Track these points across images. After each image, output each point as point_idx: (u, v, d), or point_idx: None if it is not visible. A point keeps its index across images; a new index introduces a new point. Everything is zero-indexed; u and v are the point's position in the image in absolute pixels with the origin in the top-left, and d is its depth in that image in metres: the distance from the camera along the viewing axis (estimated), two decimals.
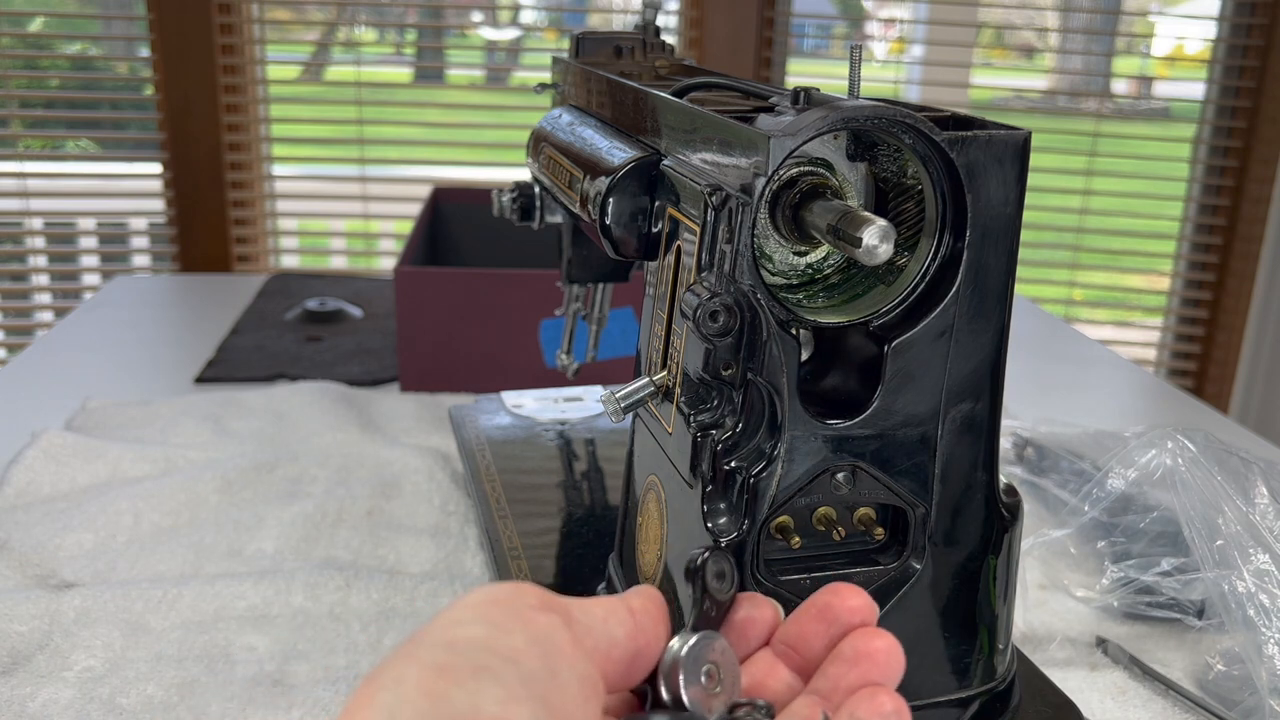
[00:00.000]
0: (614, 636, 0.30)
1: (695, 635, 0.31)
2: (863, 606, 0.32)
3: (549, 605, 0.29)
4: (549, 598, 0.29)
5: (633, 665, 0.31)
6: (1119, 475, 0.73)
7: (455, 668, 0.25)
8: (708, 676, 0.31)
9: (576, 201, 0.59)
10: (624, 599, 0.31)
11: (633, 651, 0.31)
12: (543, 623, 0.28)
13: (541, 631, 0.27)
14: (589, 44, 0.75)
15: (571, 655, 0.28)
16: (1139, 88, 2.72)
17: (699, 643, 0.31)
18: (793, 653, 0.33)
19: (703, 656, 0.31)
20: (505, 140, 1.97)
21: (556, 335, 1.03)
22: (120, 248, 2.22)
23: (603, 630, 0.30)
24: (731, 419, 0.46)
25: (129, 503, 0.79)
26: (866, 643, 0.32)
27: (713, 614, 0.33)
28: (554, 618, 0.28)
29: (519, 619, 0.27)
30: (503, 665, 0.26)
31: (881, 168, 0.48)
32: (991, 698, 0.52)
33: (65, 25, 2.33)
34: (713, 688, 0.31)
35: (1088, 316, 2.22)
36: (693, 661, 0.31)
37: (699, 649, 0.31)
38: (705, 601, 0.33)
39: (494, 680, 0.25)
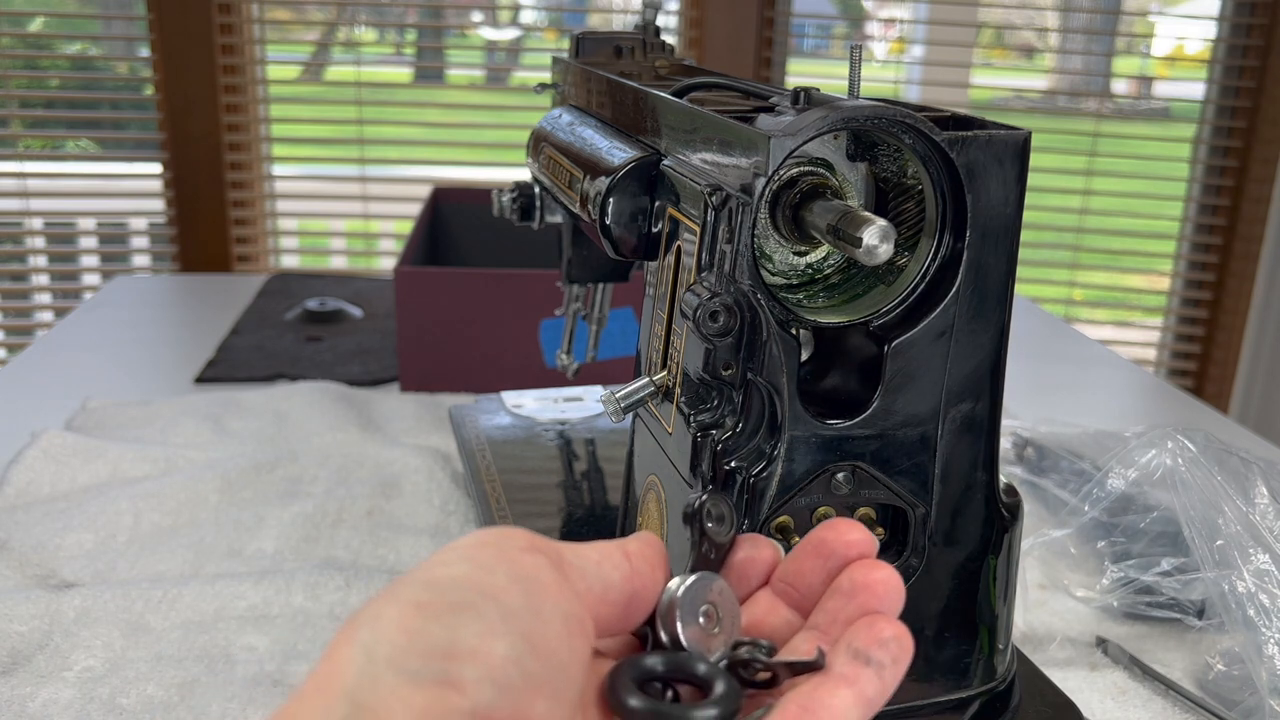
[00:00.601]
0: (609, 579, 0.30)
1: (692, 576, 0.31)
2: (861, 540, 0.32)
3: (537, 547, 0.28)
4: (539, 540, 0.29)
5: (630, 608, 0.31)
6: (1119, 475, 0.73)
7: (433, 604, 0.25)
8: (706, 617, 0.31)
9: (576, 201, 0.59)
10: (620, 543, 0.31)
11: (629, 594, 0.30)
12: (528, 562, 0.28)
13: (526, 570, 0.27)
14: (589, 44, 0.75)
15: (557, 594, 0.27)
16: (1139, 88, 2.72)
17: (696, 584, 0.31)
18: (792, 590, 0.33)
19: (700, 597, 0.31)
20: (505, 140, 1.97)
21: (556, 335, 1.03)
22: (120, 248, 2.22)
23: (596, 573, 0.30)
24: (731, 419, 0.46)
25: (129, 503, 0.79)
26: (865, 574, 0.31)
27: (711, 556, 0.33)
28: (541, 558, 0.28)
29: (504, 558, 0.27)
30: (482, 601, 0.26)
31: (881, 168, 0.48)
32: (991, 698, 0.52)
33: (65, 25, 2.33)
34: (711, 628, 0.31)
35: (1088, 316, 2.22)
36: (690, 602, 0.31)
37: (696, 590, 0.31)
38: (704, 544, 0.33)
39: (474, 615, 0.25)
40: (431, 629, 0.24)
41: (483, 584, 0.26)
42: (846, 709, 0.28)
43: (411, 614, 0.25)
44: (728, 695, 0.29)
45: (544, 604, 0.27)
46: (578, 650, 0.27)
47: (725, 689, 0.29)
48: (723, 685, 0.29)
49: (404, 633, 0.24)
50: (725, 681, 0.29)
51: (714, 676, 0.29)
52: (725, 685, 0.29)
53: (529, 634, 0.26)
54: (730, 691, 0.29)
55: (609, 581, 0.30)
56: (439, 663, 0.24)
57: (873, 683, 0.29)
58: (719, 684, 0.29)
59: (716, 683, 0.29)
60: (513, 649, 0.25)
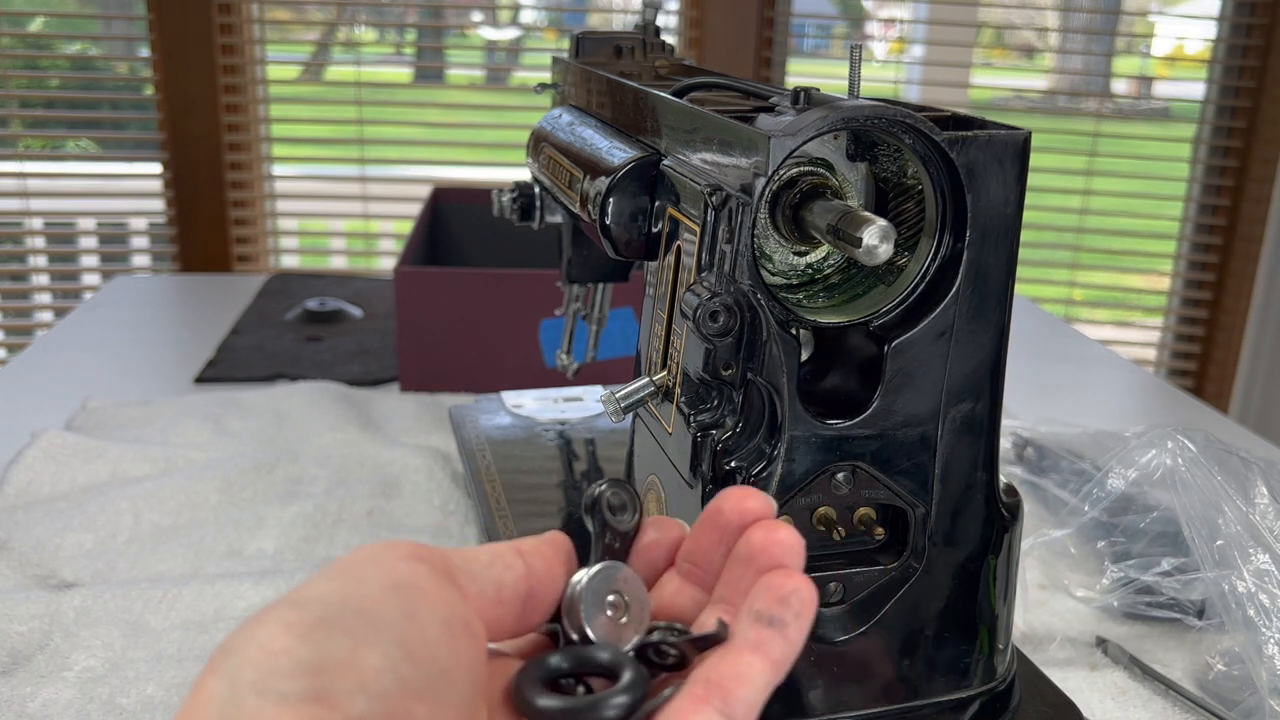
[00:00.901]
0: (500, 580, 0.30)
1: (595, 568, 0.31)
2: (757, 506, 0.31)
3: (418, 555, 0.28)
4: (422, 549, 0.29)
5: (528, 607, 0.30)
6: (1119, 475, 0.73)
7: (301, 622, 0.25)
8: (613, 607, 0.31)
9: (576, 201, 0.59)
10: (515, 543, 0.31)
11: (524, 593, 0.30)
12: (404, 570, 0.27)
13: (401, 579, 0.27)
14: (589, 44, 0.75)
15: (435, 599, 0.27)
16: (1139, 88, 2.72)
17: (599, 574, 0.31)
18: (695, 568, 0.32)
19: (605, 588, 0.31)
20: (505, 140, 1.97)
21: (556, 335, 1.03)
22: (120, 248, 2.22)
23: (487, 575, 0.30)
24: (731, 419, 0.46)
25: (129, 503, 0.79)
26: (762, 536, 0.30)
27: (616, 546, 0.32)
28: (419, 566, 0.28)
29: (378, 570, 0.27)
30: (352, 614, 0.25)
31: (881, 168, 0.48)
32: (991, 698, 0.52)
33: (65, 25, 2.33)
34: (619, 617, 0.31)
35: (1088, 316, 2.22)
36: (594, 594, 0.30)
37: (600, 581, 0.31)
38: (607, 535, 0.32)
39: (342, 629, 0.25)
40: (299, 648, 0.24)
41: (353, 597, 0.26)
42: (753, 675, 0.28)
43: (279, 635, 0.25)
44: (634, 682, 0.28)
45: (420, 610, 0.27)
46: (463, 653, 0.27)
47: (632, 676, 0.28)
48: (630, 672, 0.29)
49: (270, 655, 0.24)
50: (632, 668, 0.29)
51: (621, 664, 0.29)
52: (632, 672, 0.29)
53: (404, 641, 0.25)
54: (637, 678, 0.28)
55: (501, 582, 0.30)
56: (308, 680, 0.24)
57: (778, 643, 0.28)
58: (626, 672, 0.29)
59: (624, 671, 0.29)
60: (387, 658, 0.25)
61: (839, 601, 0.48)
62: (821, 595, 0.48)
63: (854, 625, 0.48)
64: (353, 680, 0.24)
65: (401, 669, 0.25)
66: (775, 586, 0.29)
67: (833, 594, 0.48)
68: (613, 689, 0.28)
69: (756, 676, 0.28)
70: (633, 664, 0.29)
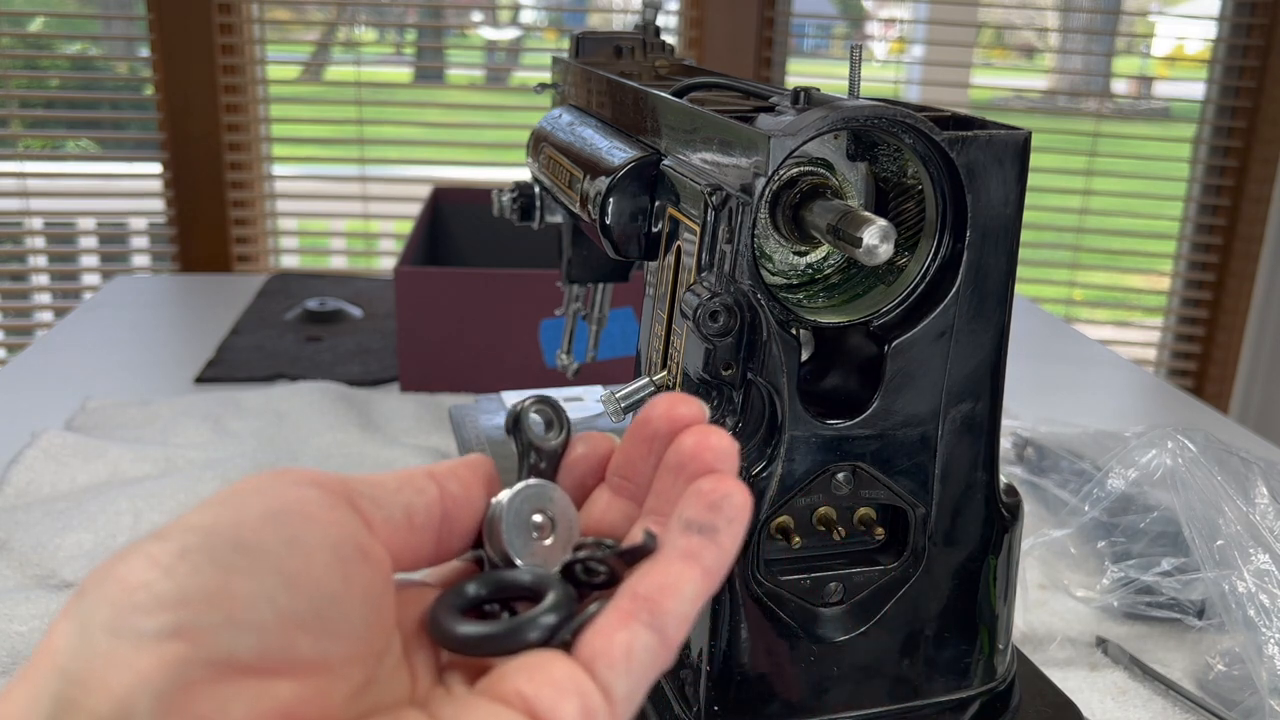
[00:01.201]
0: (411, 505, 0.28)
1: (517, 487, 0.29)
2: (687, 413, 0.29)
3: (313, 481, 0.27)
4: (319, 475, 0.27)
5: (444, 532, 0.29)
6: (1119, 475, 0.73)
7: (164, 554, 0.23)
8: (538, 528, 0.29)
9: (576, 201, 0.59)
10: (428, 467, 0.30)
11: (439, 518, 0.29)
12: (291, 496, 0.26)
13: (286, 505, 0.25)
14: (589, 44, 0.75)
15: (325, 522, 0.26)
16: (1139, 88, 2.72)
17: (520, 494, 0.29)
18: (625, 482, 0.31)
19: (528, 508, 0.29)
20: (505, 140, 1.97)
21: (556, 335, 1.03)
22: (120, 248, 2.22)
23: (395, 500, 0.28)
24: (731, 419, 0.46)
25: (129, 503, 0.79)
26: (694, 441, 0.28)
27: (542, 466, 0.31)
28: (312, 491, 0.26)
29: (260, 498, 0.25)
30: (222, 544, 0.24)
31: (882, 168, 0.48)
32: (991, 698, 0.52)
33: (65, 25, 2.33)
34: (544, 538, 0.29)
35: (1088, 316, 2.22)
36: (515, 515, 0.29)
37: (522, 501, 0.29)
38: (532, 454, 0.31)
39: (209, 558, 0.23)
40: (161, 582, 0.23)
41: (226, 525, 0.24)
42: (683, 586, 0.26)
43: (140, 569, 0.23)
44: (558, 602, 0.27)
45: (305, 536, 0.25)
46: (357, 581, 0.26)
47: (555, 596, 0.27)
48: (554, 593, 0.27)
49: (127, 590, 0.23)
50: (557, 588, 0.27)
51: (545, 585, 0.28)
52: (556, 592, 0.27)
53: (283, 569, 0.24)
54: (561, 597, 0.27)
55: (412, 507, 0.28)
56: (169, 615, 0.22)
57: (709, 551, 0.27)
58: (550, 592, 0.27)
59: (548, 591, 0.27)
60: (261, 587, 0.23)
61: (839, 601, 0.48)
62: (821, 595, 0.48)
63: (854, 625, 0.48)
64: (219, 613, 0.23)
65: (280, 599, 0.24)
66: (706, 492, 0.27)
67: (833, 594, 0.48)
68: (535, 610, 0.27)
69: (686, 586, 0.26)
70: (558, 583, 0.28)
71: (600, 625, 0.26)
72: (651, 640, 0.26)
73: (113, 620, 0.22)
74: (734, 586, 0.46)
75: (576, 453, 0.32)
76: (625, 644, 0.25)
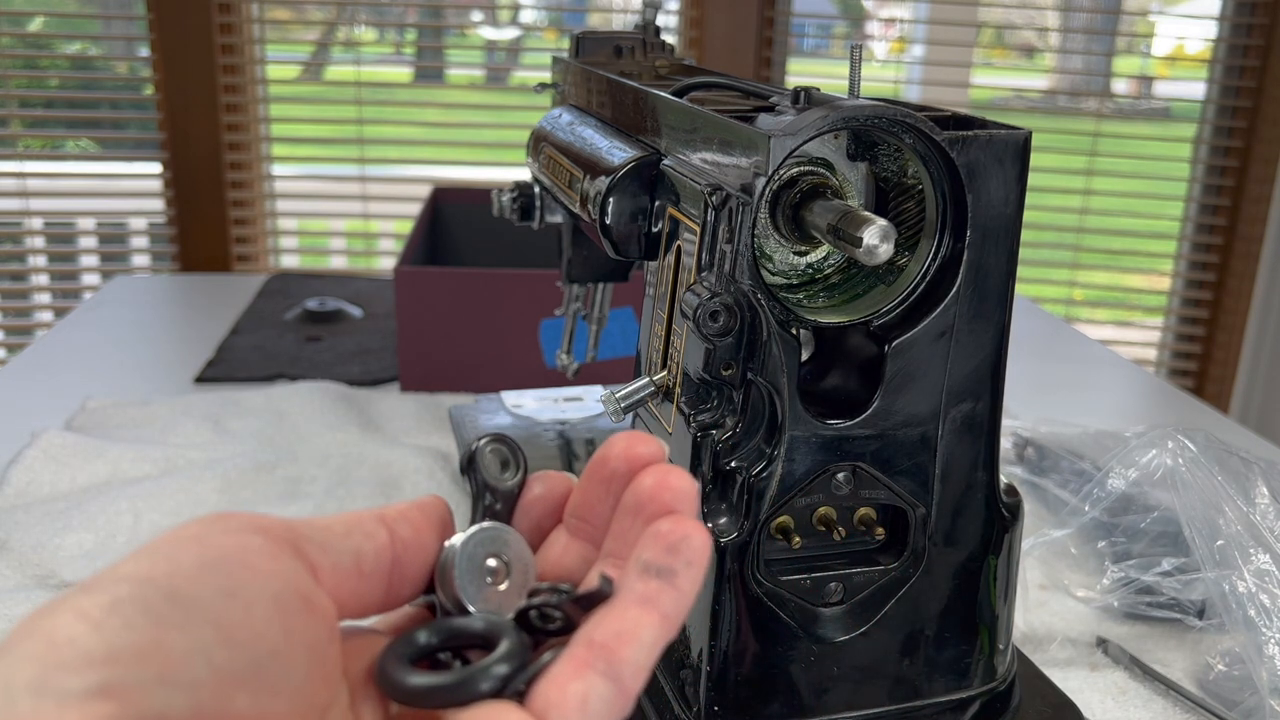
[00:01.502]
0: (360, 550, 0.27)
1: (470, 531, 0.29)
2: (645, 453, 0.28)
3: (256, 527, 0.26)
4: (262, 520, 0.26)
5: (395, 578, 0.28)
6: (1119, 475, 0.73)
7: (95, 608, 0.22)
8: (492, 573, 0.28)
9: (576, 201, 0.59)
10: (379, 510, 0.29)
11: (389, 563, 0.28)
12: (231, 545, 0.25)
13: (225, 554, 0.24)
14: (589, 44, 0.75)
15: (266, 573, 0.25)
16: (1139, 88, 2.72)
17: (474, 538, 0.28)
18: (583, 524, 0.30)
19: (482, 552, 0.28)
20: (505, 140, 1.97)
21: (556, 335, 1.03)
22: (120, 248, 2.22)
23: (343, 546, 0.27)
24: (731, 419, 0.46)
25: (129, 503, 0.79)
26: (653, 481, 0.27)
27: (497, 507, 0.30)
28: (254, 539, 0.25)
29: (199, 546, 0.24)
30: (156, 596, 0.23)
31: (882, 167, 0.47)
32: (992, 698, 0.52)
33: (65, 25, 2.33)
34: (499, 583, 0.28)
35: (1088, 316, 2.22)
36: (469, 559, 0.28)
37: (475, 545, 0.28)
38: (487, 495, 0.30)
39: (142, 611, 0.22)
40: (88, 637, 0.21)
41: (160, 576, 0.23)
42: (640, 633, 0.25)
43: (67, 623, 0.22)
44: (511, 651, 0.26)
45: (244, 587, 0.24)
46: (299, 633, 0.25)
47: (509, 644, 0.26)
48: (507, 641, 0.26)
49: (53, 647, 0.21)
50: (510, 636, 0.26)
51: (498, 633, 0.27)
52: (509, 640, 0.26)
53: (221, 623, 0.23)
54: (514, 646, 0.26)
55: (361, 552, 0.27)
56: (97, 673, 0.21)
57: (667, 595, 0.26)
58: (503, 640, 0.26)
59: (501, 639, 0.26)
60: (196, 642, 0.22)
61: (839, 601, 0.48)
62: (821, 595, 0.48)
63: (854, 625, 0.48)
64: (151, 669, 0.22)
65: (216, 655, 0.23)
66: (664, 534, 0.26)
67: (833, 594, 0.48)
68: (487, 659, 0.26)
69: (644, 633, 0.25)
70: (511, 631, 0.27)
71: (555, 674, 0.25)
72: (608, 690, 0.25)
73: (37, 679, 0.21)
74: (734, 586, 0.46)
75: (533, 493, 0.31)
76: (580, 694, 0.25)
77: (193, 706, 0.22)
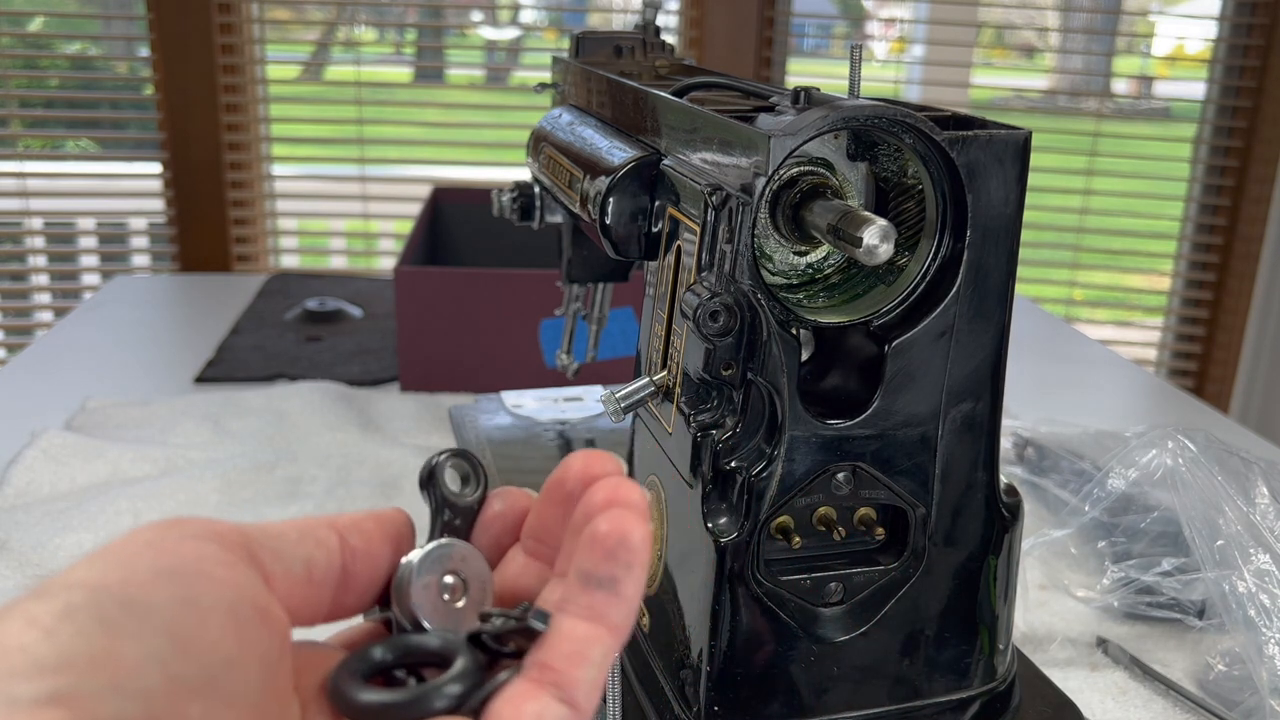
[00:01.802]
0: (311, 558, 0.27)
1: (428, 547, 0.28)
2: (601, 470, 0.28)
3: (211, 534, 0.25)
4: (214, 526, 0.26)
5: (345, 588, 0.28)
6: (1119, 475, 0.73)
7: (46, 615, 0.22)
8: (450, 590, 0.28)
9: (576, 201, 0.59)
10: (331, 518, 0.29)
11: (339, 572, 0.28)
12: (187, 552, 0.24)
13: (180, 562, 0.24)
14: (589, 44, 0.75)
15: (222, 582, 0.24)
16: (1139, 88, 2.72)
17: (431, 554, 0.28)
18: (540, 545, 0.30)
19: (439, 569, 0.28)
20: (505, 140, 1.97)
21: (556, 335, 1.03)
22: (120, 248, 2.22)
23: (295, 553, 0.27)
24: (731, 419, 0.46)
25: (129, 503, 0.79)
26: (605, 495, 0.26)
27: (457, 523, 0.30)
28: (208, 546, 0.25)
29: (153, 552, 0.24)
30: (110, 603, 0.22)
31: (882, 167, 0.47)
32: (992, 698, 0.52)
33: (65, 25, 2.33)
34: (456, 600, 0.28)
35: (1088, 316, 2.22)
36: (425, 576, 0.28)
37: (431, 562, 0.28)
38: (446, 511, 0.30)
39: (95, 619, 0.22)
40: (40, 644, 0.21)
41: (115, 583, 0.23)
42: (590, 651, 0.25)
43: (18, 630, 0.21)
44: (465, 670, 0.26)
45: (200, 596, 0.24)
46: (254, 644, 0.24)
47: (463, 664, 0.26)
48: (461, 660, 0.26)
49: (5, 653, 0.21)
50: (464, 655, 0.26)
51: (453, 651, 0.26)
52: (464, 659, 0.26)
53: (175, 632, 0.23)
54: (469, 665, 0.26)
55: (312, 560, 0.27)
56: (48, 680, 0.21)
57: (614, 606, 0.25)
58: (458, 659, 0.26)
59: (456, 658, 0.26)
60: (150, 651, 0.22)
61: (839, 601, 0.48)
62: (821, 595, 0.48)
63: (854, 625, 0.48)
64: (103, 678, 0.21)
65: (170, 664, 0.22)
66: (601, 538, 0.25)
67: (833, 594, 0.48)
68: (441, 678, 0.26)
69: (594, 651, 0.25)
70: (466, 650, 0.26)
71: (510, 694, 0.25)
72: (562, 711, 0.25)
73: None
74: (734, 586, 0.46)
75: (493, 510, 0.30)
76: (536, 715, 0.25)
77: (145, 715, 0.22)
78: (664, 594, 0.51)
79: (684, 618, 0.49)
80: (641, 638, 0.55)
